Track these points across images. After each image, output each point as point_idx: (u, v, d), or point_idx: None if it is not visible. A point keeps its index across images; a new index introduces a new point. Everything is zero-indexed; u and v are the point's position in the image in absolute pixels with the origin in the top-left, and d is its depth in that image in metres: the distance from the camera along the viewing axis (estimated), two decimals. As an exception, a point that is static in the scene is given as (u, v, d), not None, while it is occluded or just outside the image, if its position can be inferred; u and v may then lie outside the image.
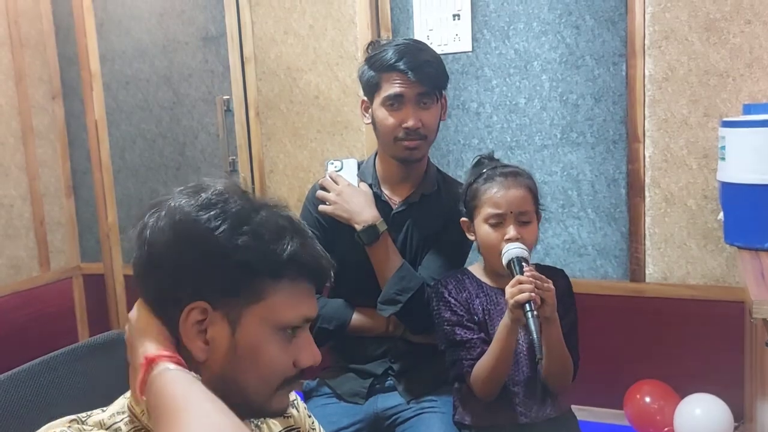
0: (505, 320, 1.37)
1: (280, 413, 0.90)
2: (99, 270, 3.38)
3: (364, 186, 1.67)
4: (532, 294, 1.29)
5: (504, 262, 1.40)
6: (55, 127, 3.36)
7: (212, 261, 0.80)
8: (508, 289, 1.33)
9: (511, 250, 1.39)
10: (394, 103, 1.59)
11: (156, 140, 3.23)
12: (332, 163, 1.69)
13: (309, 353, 0.86)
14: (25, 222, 3.22)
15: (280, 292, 0.82)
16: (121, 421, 0.82)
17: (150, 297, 0.84)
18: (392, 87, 1.58)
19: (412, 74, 1.56)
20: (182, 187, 0.86)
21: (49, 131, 3.34)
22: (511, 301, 1.31)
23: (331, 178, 1.66)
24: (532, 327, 1.27)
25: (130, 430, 0.81)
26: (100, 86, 3.26)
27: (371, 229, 1.58)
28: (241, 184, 0.88)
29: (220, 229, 0.80)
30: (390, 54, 1.58)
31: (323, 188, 1.66)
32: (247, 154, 3.02)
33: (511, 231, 1.42)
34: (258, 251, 0.80)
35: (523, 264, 1.36)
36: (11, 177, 3.15)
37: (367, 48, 1.70)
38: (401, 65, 1.56)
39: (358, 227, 1.59)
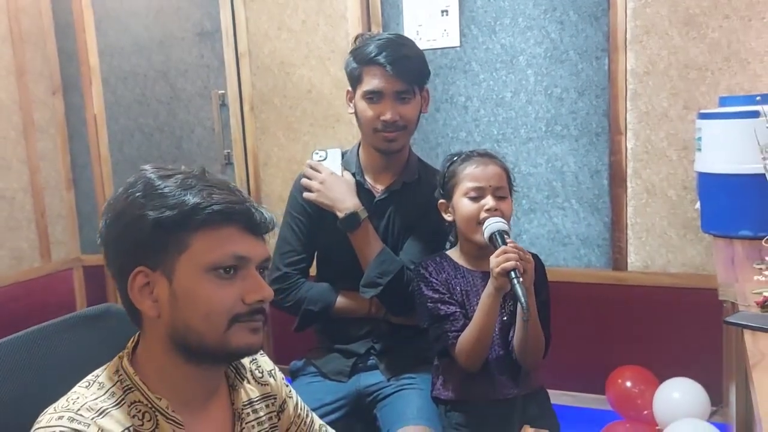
0: (488, 290, 1.43)
1: (246, 351, 0.96)
2: (99, 261, 3.45)
3: (347, 175, 1.74)
4: (517, 263, 1.36)
5: (486, 235, 1.46)
6: (56, 121, 3.44)
7: (134, 227, 0.90)
8: (493, 259, 1.39)
9: (493, 224, 1.46)
10: (373, 96, 1.66)
11: (153, 134, 3.31)
12: (317, 153, 1.76)
13: (255, 289, 0.93)
14: (26, 214, 3.29)
15: (202, 239, 0.90)
16: (115, 384, 0.91)
17: (115, 279, 0.95)
18: (372, 81, 1.65)
19: (390, 68, 1.62)
20: None
21: (49, 125, 3.41)
22: (497, 269, 1.37)
23: (313, 167, 1.73)
24: (519, 291, 1.33)
25: (124, 388, 0.91)
26: (99, 81, 3.34)
27: (352, 216, 1.65)
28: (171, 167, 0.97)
29: (135, 198, 0.91)
30: (371, 48, 1.65)
31: (307, 177, 1.73)
32: (241, 148, 3.10)
33: (489, 201, 1.50)
34: (166, 208, 0.89)
35: (505, 236, 1.44)
36: (13, 170, 3.23)
37: (355, 40, 1.76)
38: (381, 59, 1.62)
39: (340, 215, 1.67)
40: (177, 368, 0.93)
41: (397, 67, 1.63)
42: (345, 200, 1.67)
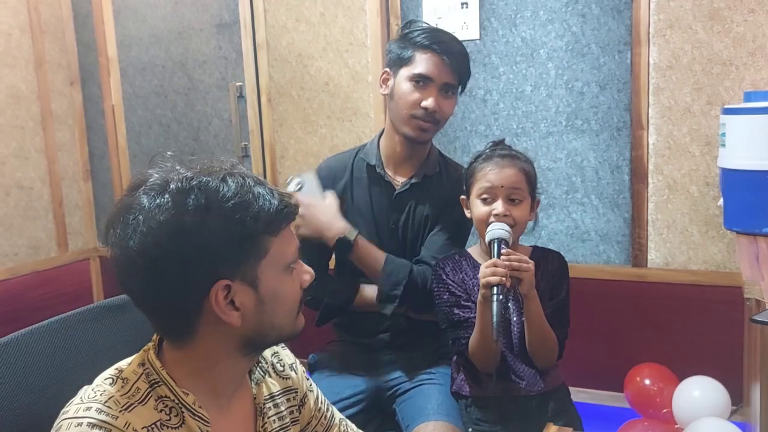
0: (479, 296, 1.44)
1: (301, 331, 1.01)
2: (115, 252, 3.47)
3: (329, 197, 1.70)
4: (503, 279, 1.36)
5: (486, 240, 1.46)
6: (74, 111, 3.45)
7: (213, 247, 0.85)
8: (483, 269, 1.39)
9: (495, 230, 1.44)
10: (421, 81, 1.64)
11: (171, 125, 3.31)
12: (293, 183, 1.72)
13: (303, 272, 0.99)
14: (44, 204, 3.32)
15: (278, 241, 0.92)
16: (140, 378, 0.90)
17: (158, 299, 0.89)
18: (425, 65, 1.63)
19: (447, 58, 1.62)
20: (142, 188, 0.89)
21: (67, 116, 3.43)
22: (482, 281, 1.38)
23: None
24: (494, 310, 1.34)
25: (150, 381, 0.90)
26: (117, 72, 3.35)
27: (343, 241, 1.63)
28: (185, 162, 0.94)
29: (198, 209, 0.85)
30: (428, 35, 1.64)
31: None
32: (259, 140, 3.09)
33: (498, 206, 1.48)
34: (252, 218, 0.88)
35: (503, 246, 1.42)
36: (31, 160, 3.25)
37: (407, 25, 1.73)
38: (437, 47, 1.62)
39: (330, 243, 1.64)
40: (226, 365, 0.94)
41: (452, 60, 1.63)
42: (330, 227, 1.64)
